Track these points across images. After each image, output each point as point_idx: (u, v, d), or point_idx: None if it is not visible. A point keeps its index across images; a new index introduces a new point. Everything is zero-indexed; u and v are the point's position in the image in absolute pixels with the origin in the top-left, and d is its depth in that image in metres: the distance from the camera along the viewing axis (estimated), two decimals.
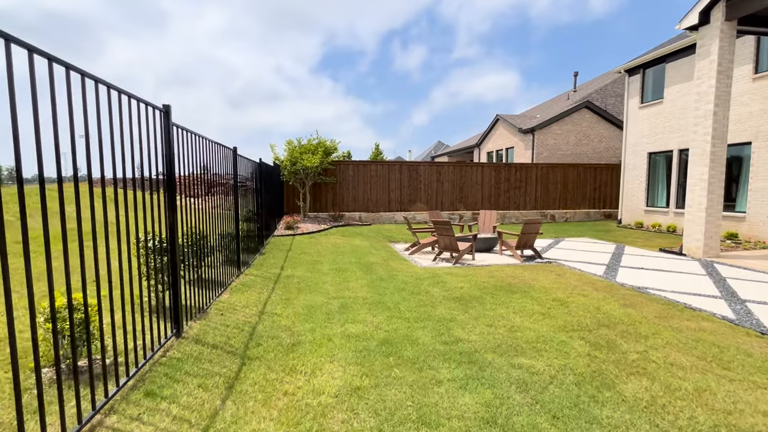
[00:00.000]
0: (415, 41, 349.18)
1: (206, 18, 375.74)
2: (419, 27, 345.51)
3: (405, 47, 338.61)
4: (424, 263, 7.74)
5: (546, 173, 15.70)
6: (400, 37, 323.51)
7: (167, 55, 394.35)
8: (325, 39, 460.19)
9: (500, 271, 6.92)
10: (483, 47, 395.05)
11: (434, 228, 8.15)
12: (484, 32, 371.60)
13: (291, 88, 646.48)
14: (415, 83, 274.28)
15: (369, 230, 12.21)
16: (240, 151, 6.45)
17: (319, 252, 8.51)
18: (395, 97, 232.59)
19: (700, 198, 8.17)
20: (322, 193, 14.20)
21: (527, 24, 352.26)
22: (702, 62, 8.10)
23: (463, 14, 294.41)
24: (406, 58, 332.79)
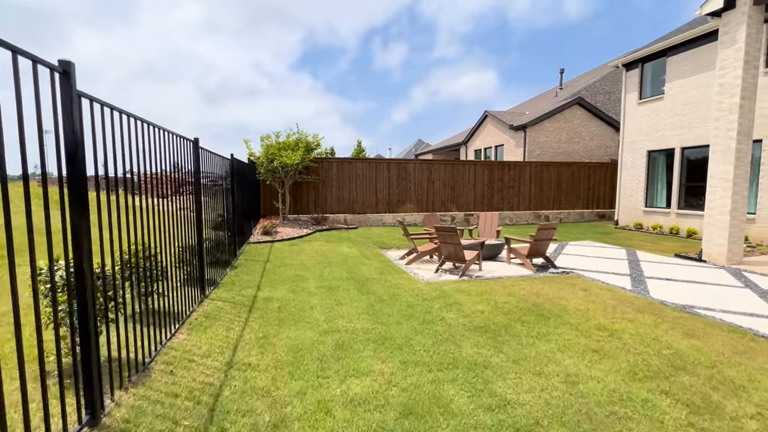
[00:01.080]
0: (396, 39, 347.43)
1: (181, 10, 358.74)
2: (400, 25, 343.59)
3: (386, 45, 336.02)
4: (426, 276, 6.68)
5: (540, 172, 14.99)
6: (380, 35, 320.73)
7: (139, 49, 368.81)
8: (305, 35, 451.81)
9: (517, 285, 5.94)
10: (463, 47, 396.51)
11: (436, 235, 7.10)
12: (465, 32, 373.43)
13: (270, 84, 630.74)
14: (396, 81, 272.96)
15: (356, 235, 11.06)
16: (218, 149, 5.18)
17: (302, 263, 7.30)
18: (376, 95, 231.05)
19: (722, 200, 7.47)
20: (304, 194, 12.93)
21: (506, 26, 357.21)
22: (726, 51, 7.39)
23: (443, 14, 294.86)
24: (387, 56, 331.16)
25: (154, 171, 3.45)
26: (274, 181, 11.93)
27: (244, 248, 8.66)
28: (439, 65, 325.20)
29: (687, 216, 11.46)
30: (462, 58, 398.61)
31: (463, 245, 6.84)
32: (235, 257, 7.52)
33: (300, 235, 10.17)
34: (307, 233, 10.53)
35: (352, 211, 13.33)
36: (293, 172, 11.85)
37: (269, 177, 11.73)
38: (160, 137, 3.61)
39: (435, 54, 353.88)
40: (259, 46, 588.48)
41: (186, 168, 4.53)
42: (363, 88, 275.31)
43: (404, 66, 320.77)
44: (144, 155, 3.22)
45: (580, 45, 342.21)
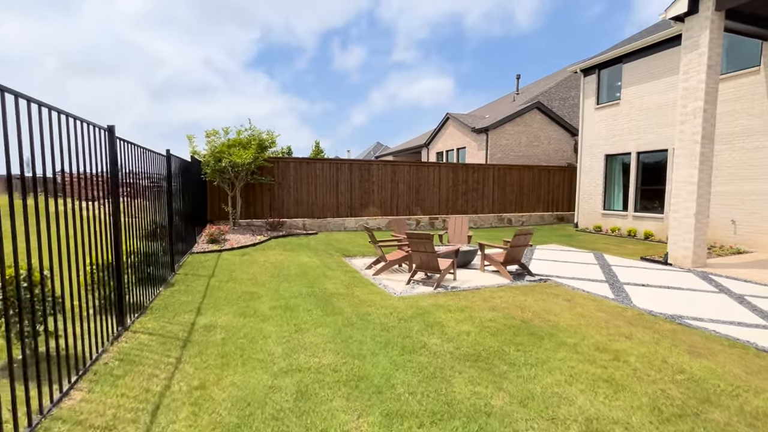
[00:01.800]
0: (355, 42, 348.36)
1: None
2: (359, 28, 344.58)
3: (345, 47, 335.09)
4: (398, 288, 5.99)
5: (503, 175, 14.92)
6: (340, 36, 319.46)
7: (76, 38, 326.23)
8: (262, 34, 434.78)
9: (497, 297, 5.42)
10: (420, 52, 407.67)
11: (408, 242, 6.44)
12: (422, 38, 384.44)
13: (223, 81, 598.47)
14: (354, 83, 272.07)
15: (317, 241, 10.15)
16: (164, 149, 4.12)
17: (254, 277, 6.32)
18: (334, 97, 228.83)
19: (687, 203, 7.51)
20: (257, 196, 11.77)
21: (462, 34, 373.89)
22: (689, 55, 7.44)
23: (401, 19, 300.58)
24: (346, 58, 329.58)
25: (57, 168, 2.43)
26: (222, 183, 10.70)
27: (186, 260, 7.47)
28: (397, 69, 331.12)
29: (643, 218, 11.77)
30: (420, 64, 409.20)
31: (437, 253, 6.23)
32: (173, 272, 6.36)
33: (253, 243, 9.08)
34: (261, 240, 9.45)
35: (311, 215, 12.37)
36: (245, 173, 10.70)
37: (217, 178, 10.50)
38: (59, 123, 2.60)
39: (394, 58, 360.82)
40: (210, 41, 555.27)
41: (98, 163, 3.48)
42: (321, 89, 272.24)
43: (363, 68, 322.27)
44: (42, 147, 2.22)
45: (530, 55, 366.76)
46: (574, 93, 21.57)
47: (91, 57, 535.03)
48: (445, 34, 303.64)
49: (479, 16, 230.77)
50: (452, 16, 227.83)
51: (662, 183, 11.28)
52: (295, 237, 10.59)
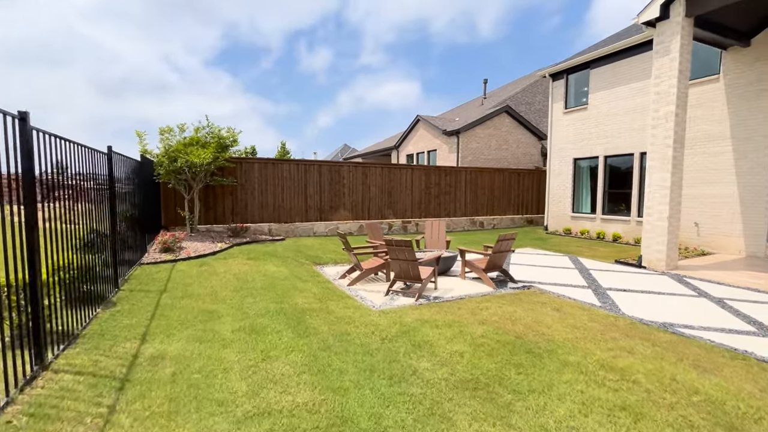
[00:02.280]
0: (322, 43, 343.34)
1: None
2: (326, 30, 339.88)
3: (311, 48, 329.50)
4: (377, 301, 5.49)
5: (475, 178, 14.82)
6: (307, 37, 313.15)
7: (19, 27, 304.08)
8: (225, 31, 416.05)
9: (485, 309, 5.05)
10: (387, 56, 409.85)
11: (386, 249, 5.96)
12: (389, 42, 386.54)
13: (182, 79, 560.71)
14: (321, 85, 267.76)
15: (284, 248, 9.43)
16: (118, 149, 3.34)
17: (214, 292, 5.58)
18: (300, 98, 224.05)
19: (660, 206, 7.56)
20: (218, 200, 10.86)
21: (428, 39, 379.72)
22: (661, 60, 7.52)
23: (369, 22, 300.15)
24: (313, 60, 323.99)
25: None
26: (178, 185, 9.73)
27: (133, 273, 6.56)
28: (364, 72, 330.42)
29: (611, 221, 12.00)
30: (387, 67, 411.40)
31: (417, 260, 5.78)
32: (116, 288, 5.49)
33: (213, 251, 8.24)
34: (222, 248, 8.61)
35: (278, 220, 11.59)
36: (204, 174, 9.80)
37: (172, 179, 9.52)
38: None
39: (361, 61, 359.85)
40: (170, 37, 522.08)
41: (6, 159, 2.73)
42: (286, 91, 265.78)
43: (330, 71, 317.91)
44: None
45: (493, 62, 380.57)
46: (539, 98, 22.09)
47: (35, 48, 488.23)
48: (411, 39, 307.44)
49: (445, 23, 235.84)
50: (419, 22, 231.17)
51: (629, 187, 11.54)
52: (260, 243, 9.81)
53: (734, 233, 9.19)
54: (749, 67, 8.87)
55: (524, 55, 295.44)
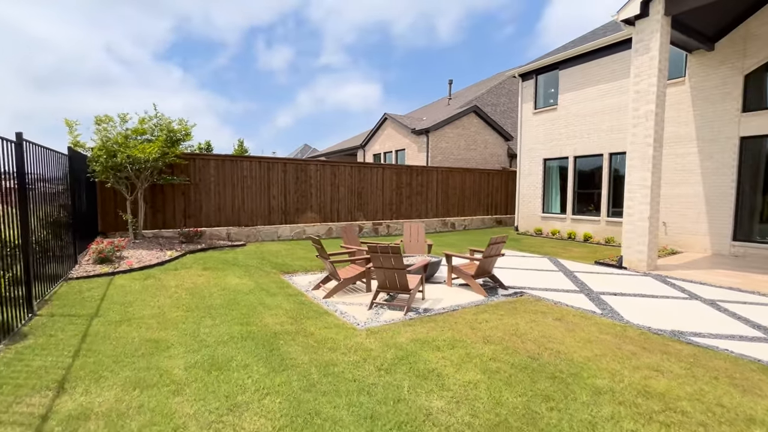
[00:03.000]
0: (282, 41, 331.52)
1: None
2: (286, 27, 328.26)
3: (270, 46, 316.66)
4: (360, 316, 4.77)
5: (446, 178, 14.47)
6: (265, 34, 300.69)
7: None
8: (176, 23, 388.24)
9: (483, 322, 4.50)
10: (349, 57, 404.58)
11: (369, 256, 5.25)
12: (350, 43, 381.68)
13: (128, 72, 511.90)
14: (280, 84, 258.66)
15: (246, 255, 8.40)
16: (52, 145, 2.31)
17: (162, 313, 4.59)
18: (258, 97, 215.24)
19: (641, 206, 7.47)
20: (168, 201, 9.58)
21: (389, 42, 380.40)
22: (641, 58, 7.43)
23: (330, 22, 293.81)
24: (271, 57, 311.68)
25: None
26: (118, 184, 8.40)
27: (57, 291, 5.35)
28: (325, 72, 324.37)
29: (581, 221, 12.08)
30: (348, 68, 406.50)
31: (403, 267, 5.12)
32: (30, 313, 4.34)
33: (161, 261, 7.08)
34: (172, 257, 7.46)
35: (237, 223, 10.48)
36: (150, 172, 8.54)
37: (110, 177, 8.19)
38: None
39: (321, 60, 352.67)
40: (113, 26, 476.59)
41: None
42: (243, 89, 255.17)
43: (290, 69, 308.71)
44: None
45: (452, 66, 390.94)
46: (503, 100, 22.34)
47: None
48: (372, 40, 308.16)
49: (406, 26, 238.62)
50: (380, 23, 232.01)
51: (598, 187, 11.65)
52: (218, 250, 8.70)
53: (700, 232, 9.42)
54: (714, 70, 9.12)
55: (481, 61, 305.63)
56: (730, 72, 8.86)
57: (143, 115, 8.66)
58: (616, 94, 10.97)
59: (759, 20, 8.47)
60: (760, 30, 8.45)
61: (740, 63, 8.70)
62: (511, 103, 22.39)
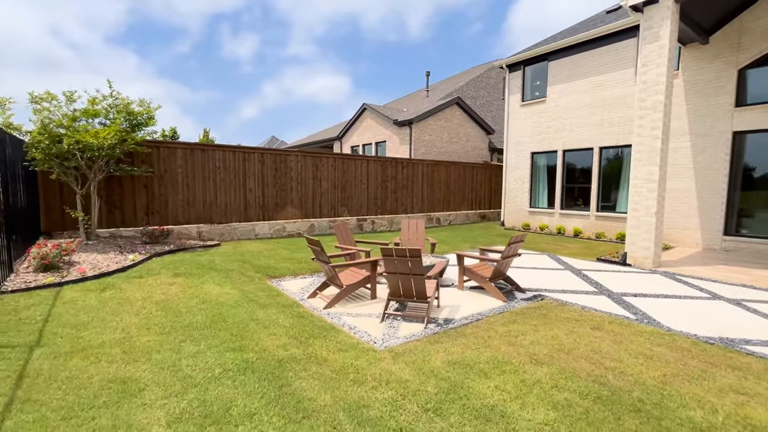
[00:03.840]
0: (248, 29, 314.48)
1: None
2: (252, 15, 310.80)
3: (236, 34, 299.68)
4: (372, 330, 4.07)
5: (431, 171, 13.90)
6: (230, 21, 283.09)
7: None
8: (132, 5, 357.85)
9: (518, 335, 3.92)
10: (318, 48, 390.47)
11: (382, 260, 4.53)
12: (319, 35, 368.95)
13: (77, 56, 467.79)
14: (246, 74, 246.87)
15: (224, 257, 7.40)
16: None
17: (126, 338, 3.64)
18: (221, 87, 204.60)
19: (648, 201, 7.21)
20: (127, 195, 8.31)
21: (358, 35, 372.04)
22: (650, 47, 7.11)
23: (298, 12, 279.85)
24: (236, 46, 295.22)
25: None
26: (66, 175, 7.11)
27: None
28: (293, 63, 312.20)
29: (570, 216, 11.91)
30: (317, 60, 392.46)
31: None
32: None
33: (122, 267, 5.98)
34: (135, 261, 6.35)
35: (209, 220, 9.36)
36: (105, 161, 7.31)
37: (55, 167, 6.90)
38: None
39: (289, 51, 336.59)
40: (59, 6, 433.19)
41: None
42: (206, 78, 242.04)
43: (256, 59, 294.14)
44: None
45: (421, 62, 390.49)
46: (482, 93, 22.09)
47: None
48: (342, 33, 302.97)
49: (376, 19, 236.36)
50: (350, 16, 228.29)
51: (588, 181, 11.49)
52: (189, 252, 7.61)
53: (691, 227, 9.42)
54: (708, 64, 9.06)
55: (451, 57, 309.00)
56: (724, 66, 8.82)
57: (95, 94, 7.36)
58: (607, 87, 10.79)
59: (753, 14, 8.44)
60: (754, 24, 8.42)
61: (734, 57, 8.67)
62: (490, 96, 22.18)
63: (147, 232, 7.69)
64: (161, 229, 7.95)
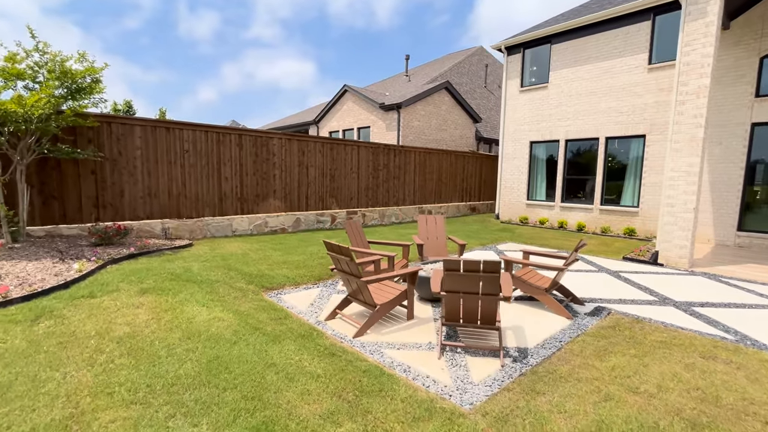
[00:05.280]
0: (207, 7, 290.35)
1: None
2: None
3: (193, 11, 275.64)
4: (436, 374, 3.00)
5: (424, 160, 12.86)
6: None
7: None
8: None
9: (631, 374, 3.00)
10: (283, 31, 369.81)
11: (443, 276, 3.44)
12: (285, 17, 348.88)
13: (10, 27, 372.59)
14: (204, 55, 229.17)
15: (201, 262, 5.93)
16: None
17: (74, 416, 2.29)
18: (176, 67, 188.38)
19: (686, 195, 6.60)
20: (68, 183, 6.55)
21: (325, 20, 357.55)
22: (694, 24, 6.41)
23: None
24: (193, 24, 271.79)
25: None
26: None
27: None
28: (255, 46, 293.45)
29: (572, 209, 11.36)
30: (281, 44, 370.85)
31: None
32: None
33: (63, 283, 4.41)
34: (83, 272, 4.78)
35: (177, 214, 7.74)
36: (36, 138, 5.57)
37: None
38: None
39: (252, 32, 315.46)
40: None
41: None
42: (160, 57, 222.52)
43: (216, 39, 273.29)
44: None
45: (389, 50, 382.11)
46: (465, 80, 21.23)
47: None
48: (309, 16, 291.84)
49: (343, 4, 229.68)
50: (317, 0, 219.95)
51: (592, 173, 10.95)
52: (156, 255, 6.06)
53: (703, 222, 9.08)
54: (726, 51, 8.61)
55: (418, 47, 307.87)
56: (745, 53, 8.40)
57: (15, 49, 5.53)
58: (616, 73, 10.18)
59: None
60: None
61: (757, 44, 8.25)
62: (472, 84, 21.39)
63: (98, 231, 6.03)
64: (117, 226, 6.31)
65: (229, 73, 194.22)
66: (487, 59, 22.39)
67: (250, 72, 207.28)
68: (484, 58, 22.39)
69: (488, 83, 22.35)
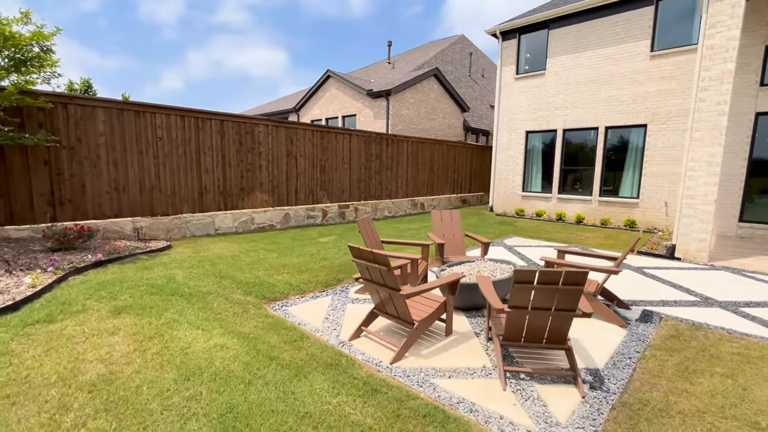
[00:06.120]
0: None
1: None
2: None
3: None
4: (512, 415, 2.41)
5: (416, 150, 12.23)
6: None
7: None
8: None
9: (735, 401, 2.54)
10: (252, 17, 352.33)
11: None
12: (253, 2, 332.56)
13: None
14: (167, 40, 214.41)
15: (187, 269, 5.05)
16: None
17: None
18: (138, 53, 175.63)
19: (707, 186, 6.32)
20: (15, 174, 5.45)
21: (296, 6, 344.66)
22: (718, 5, 6.06)
23: None
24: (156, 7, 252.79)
25: None
26: None
27: None
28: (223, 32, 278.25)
29: (570, 201, 11.10)
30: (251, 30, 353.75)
31: None
32: None
33: (12, 303, 3.48)
34: (37, 287, 3.84)
35: (150, 212, 6.75)
36: None
37: None
38: None
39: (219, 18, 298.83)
40: None
41: None
42: (119, 41, 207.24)
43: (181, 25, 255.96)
44: None
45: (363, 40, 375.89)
46: (450, 68, 20.65)
47: None
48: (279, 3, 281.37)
49: None
50: None
51: (591, 164, 10.69)
52: (129, 261, 5.12)
53: None
54: None
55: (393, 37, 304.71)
56: (750, 41, 8.23)
57: None
58: (617, 60, 9.88)
59: None
60: None
61: (763, 31, 8.09)
62: (457, 72, 20.85)
63: (55, 233, 5.02)
64: (79, 227, 5.30)
65: (195, 60, 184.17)
66: (469, 48, 21.89)
67: (218, 59, 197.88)
68: (467, 46, 21.88)
69: (472, 72, 21.90)
